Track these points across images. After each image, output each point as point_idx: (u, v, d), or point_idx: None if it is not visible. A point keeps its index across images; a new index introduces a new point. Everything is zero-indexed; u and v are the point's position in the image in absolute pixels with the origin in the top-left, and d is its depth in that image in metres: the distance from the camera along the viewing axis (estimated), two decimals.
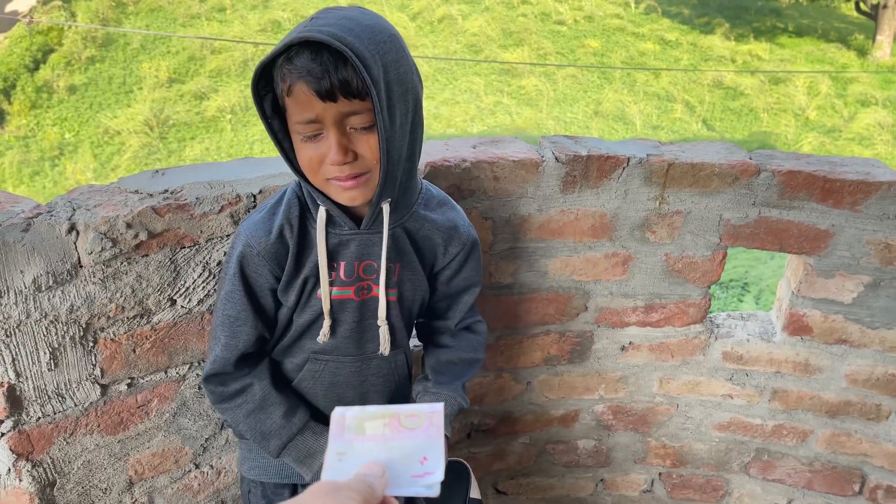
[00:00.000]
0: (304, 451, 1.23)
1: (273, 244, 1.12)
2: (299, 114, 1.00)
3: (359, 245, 1.15)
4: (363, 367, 1.25)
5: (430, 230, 1.21)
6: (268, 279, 1.15)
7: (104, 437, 1.31)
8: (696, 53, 19.91)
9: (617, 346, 1.83)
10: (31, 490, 1.24)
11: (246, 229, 1.14)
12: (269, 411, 1.21)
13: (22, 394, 1.18)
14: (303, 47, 0.95)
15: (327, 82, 0.95)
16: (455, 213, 1.27)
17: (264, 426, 1.22)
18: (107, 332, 1.24)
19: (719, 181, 1.63)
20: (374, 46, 0.96)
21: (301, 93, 0.97)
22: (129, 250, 1.20)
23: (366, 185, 1.05)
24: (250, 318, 1.17)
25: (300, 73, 0.96)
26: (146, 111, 13.73)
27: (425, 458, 0.62)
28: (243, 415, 1.21)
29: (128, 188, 1.24)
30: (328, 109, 0.98)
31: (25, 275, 1.11)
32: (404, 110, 1.02)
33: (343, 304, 1.18)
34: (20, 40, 15.78)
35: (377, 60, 0.95)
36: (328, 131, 1.00)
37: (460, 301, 1.33)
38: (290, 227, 1.12)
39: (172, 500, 1.46)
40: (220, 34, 16.24)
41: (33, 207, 1.14)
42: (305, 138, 1.02)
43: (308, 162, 1.04)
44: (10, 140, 12.84)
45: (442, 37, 19.42)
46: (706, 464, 2.01)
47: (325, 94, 0.96)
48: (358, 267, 1.17)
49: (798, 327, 1.80)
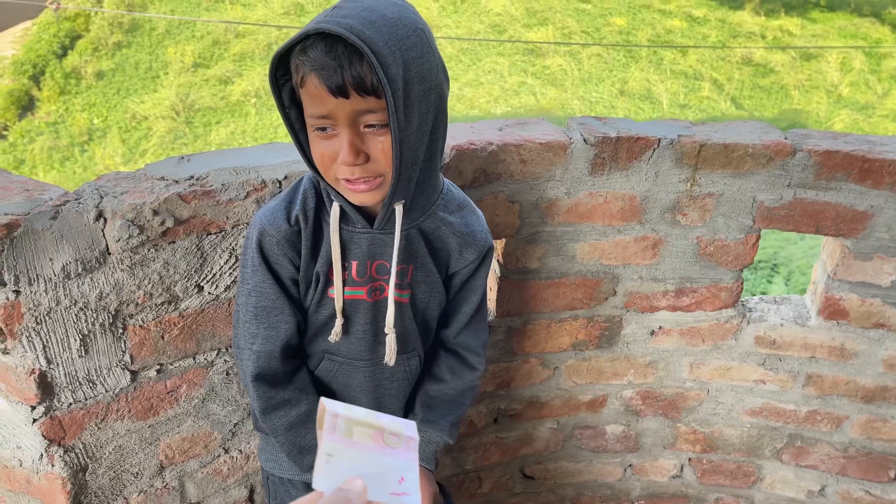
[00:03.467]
0: None
1: (290, 232, 1.09)
2: (312, 107, 0.96)
3: (370, 244, 1.12)
4: (376, 371, 1.22)
5: (446, 233, 1.17)
6: (287, 268, 1.12)
7: (135, 423, 1.32)
8: (725, 30, 19.51)
9: (646, 331, 1.80)
10: (63, 475, 1.26)
11: (261, 217, 1.11)
12: (310, 427, 1.19)
13: (53, 380, 1.19)
14: (318, 39, 0.91)
15: (339, 77, 0.91)
16: (474, 216, 1.21)
17: (303, 441, 1.20)
18: (136, 319, 1.24)
19: (753, 162, 1.59)
20: (396, 41, 0.91)
21: (313, 86, 0.93)
22: (155, 237, 1.20)
23: (378, 188, 1.01)
24: (286, 306, 1.14)
25: (313, 65, 0.92)
26: (172, 96, 13.84)
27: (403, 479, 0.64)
28: (284, 427, 1.19)
29: (154, 175, 1.24)
30: (340, 106, 0.94)
31: (54, 262, 1.11)
32: (424, 110, 0.97)
33: (356, 304, 1.15)
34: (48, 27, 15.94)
35: (397, 56, 0.91)
36: (340, 129, 0.96)
37: (461, 312, 1.27)
38: (306, 219, 1.10)
39: (202, 485, 1.47)
40: (243, 18, 16.25)
41: (61, 195, 1.14)
42: (318, 132, 0.99)
43: (320, 158, 1.00)
44: (40, 126, 13.02)
45: (465, 17, 19.25)
46: (737, 449, 1.98)
47: (336, 90, 0.92)
48: (370, 266, 1.13)
49: (834, 311, 1.76)
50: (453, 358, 1.30)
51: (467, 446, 1.86)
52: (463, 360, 1.30)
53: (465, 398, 1.33)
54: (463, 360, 1.30)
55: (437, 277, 1.20)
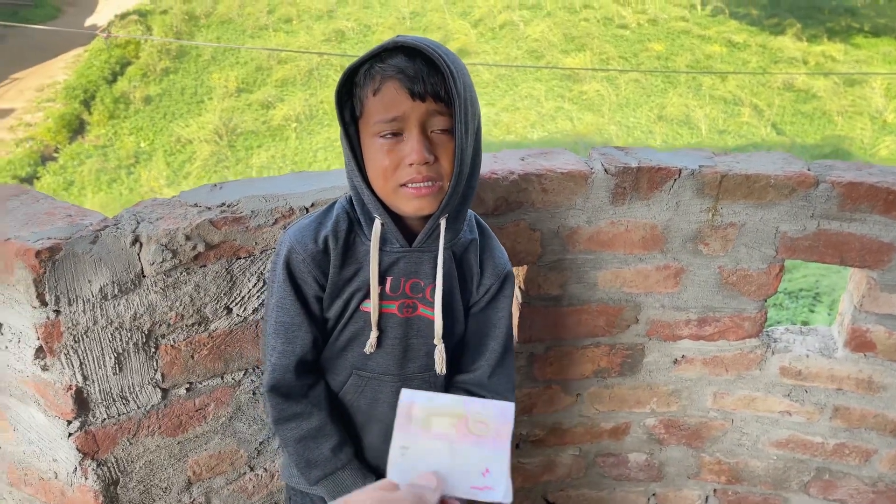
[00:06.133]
0: (340, 488, 1.24)
1: (317, 251, 1.15)
2: (384, 112, 1.04)
3: (407, 263, 1.17)
4: (403, 387, 1.25)
5: (472, 255, 1.23)
6: (312, 286, 1.17)
7: (164, 439, 1.37)
8: (766, 55, 19.32)
9: (669, 360, 1.81)
10: (95, 488, 1.31)
11: (291, 235, 1.16)
12: (319, 442, 1.22)
13: (89, 396, 1.25)
14: (397, 51, 1.03)
15: (421, 84, 1.02)
16: (495, 242, 1.28)
17: (311, 455, 1.23)
18: (167, 339, 1.30)
19: (775, 193, 1.60)
20: (457, 66, 1.04)
21: (392, 90, 1.03)
22: (187, 261, 1.25)
23: (436, 195, 1.09)
24: (304, 322, 1.19)
25: (393, 70, 1.03)
26: (216, 120, 14.21)
27: (487, 471, 0.60)
28: (294, 439, 1.22)
29: (188, 202, 1.30)
30: (415, 109, 1.04)
31: (93, 284, 1.18)
32: (473, 129, 1.09)
33: (387, 318, 1.19)
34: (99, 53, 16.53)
35: (460, 78, 1.03)
36: (411, 131, 1.05)
37: (487, 347, 1.28)
38: (336, 240, 1.15)
39: (228, 501, 1.51)
40: (286, 45, 16.65)
41: (101, 220, 1.21)
42: (386, 138, 1.06)
43: (383, 167, 1.07)
44: (89, 149, 13.46)
45: (503, 43, 19.41)
46: (763, 482, 1.95)
47: (416, 94, 1.02)
48: (404, 284, 1.18)
49: (861, 343, 1.74)
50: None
51: None
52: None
53: None
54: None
55: (459, 304, 1.25)
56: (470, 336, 1.29)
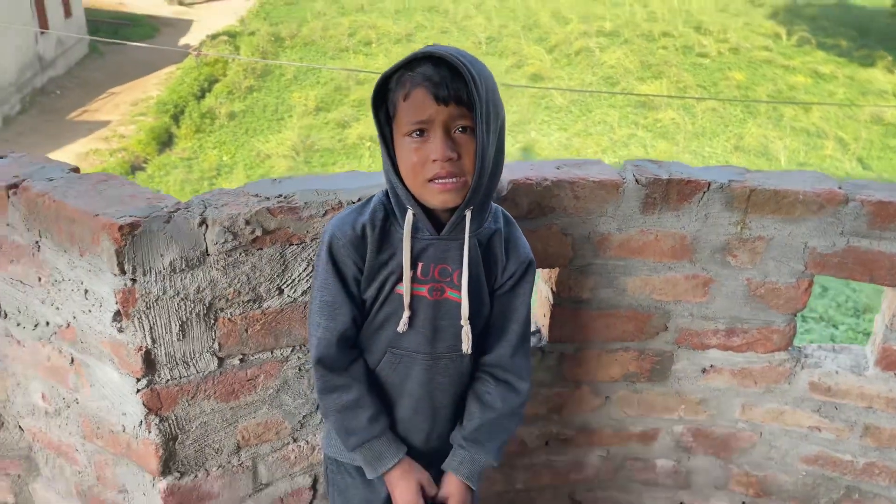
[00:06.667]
0: (376, 454, 1.38)
1: (356, 237, 1.29)
2: (413, 115, 1.19)
3: (436, 250, 1.30)
4: (433, 365, 1.37)
5: (497, 243, 1.35)
6: (351, 269, 1.31)
7: (218, 404, 1.53)
8: (854, 87, 18.71)
9: (697, 368, 1.86)
10: (157, 441, 1.48)
11: (333, 223, 1.32)
12: (357, 412, 1.37)
13: (156, 358, 1.42)
14: (425, 60, 1.18)
15: (445, 89, 1.16)
16: (518, 232, 1.40)
17: (350, 424, 1.37)
18: (225, 313, 1.46)
19: (803, 209, 1.65)
20: (480, 72, 1.18)
21: (420, 95, 1.18)
22: (246, 243, 1.42)
23: (460, 189, 1.22)
24: (345, 301, 1.33)
25: (422, 78, 1.17)
26: (294, 137, 14.78)
27: None
28: (335, 409, 1.37)
29: (250, 192, 1.47)
30: (440, 112, 1.18)
31: (164, 258, 1.35)
32: (495, 129, 1.21)
33: (418, 300, 1.33)
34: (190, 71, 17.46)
35: (481, 82, 1.16)
36: (436, 132, 1.19)
37: (509, 330, 1.40)
38: (373, 228, 1.29)
39: (272, 468, 1.66)
40: (365, 66, 17.16)
41: (174, 203, 1.39)
42: (414, 137, 1.20)
43: (412, 164, 1.22)
44: (175, 161, 14.20)
45: (578, 69, 19.46)
46: (793, 497, 1.97)
47: (440, 98, 1.16)
48: (433, 269, 1.32)
49: (891, 362, 1.76)
50: (504, 387, 1.43)
51: (518, 465, 1.97)
52: (512, 387, 1.43)
53: (512, 423, 1.46)
54: (512, 387, 1.43)
55: (485, 289, 1.37)
56: (494, 319, 1.41)
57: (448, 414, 1.43)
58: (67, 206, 1.36)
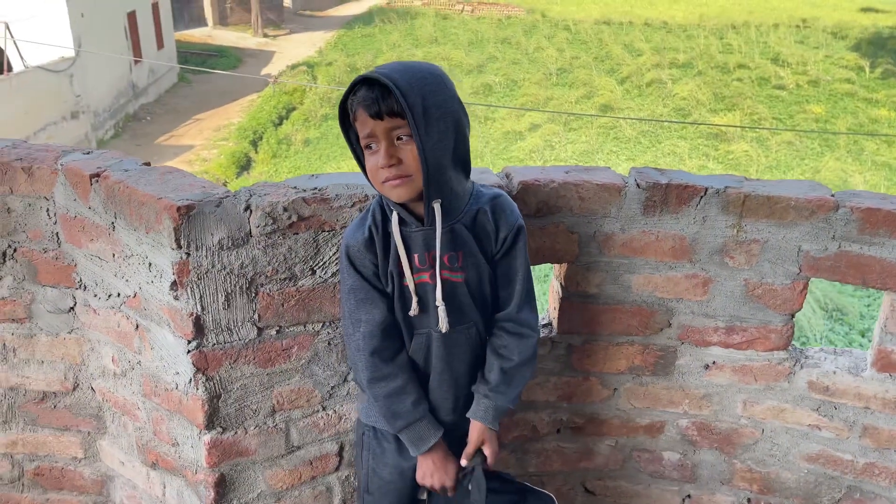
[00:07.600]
0: (419, 435, 1.59)
1: (366, 240, 1.51)
2: (361, 132, 1.41)
3: (424, 238, 1.50)
4: (446, 339, 1.57)
5: (484, 219, 1.53)
6: (369, 268, 1.53)
7: (256, 369, 1.76)
8: None
9: (700, 364, 1.98)
10: (203, 397, 1.71)
11: (346, 235, 1.56)
12: (403, 398, 1.58)
13: (204, 323, 1.66)
14: (363, 84, 1.38)
15: (376, 106, 1.36)
16: (505, 201, 1.56)
17: (396, 408, 1.59)
18: (265, 288, 1.69)
19: (795, 214, 1.77)
20: (416, 80, 1.35)
21: (361, 115, 1.39)
22: (284, 228, 1.65)
23: (408, 185, 1.41)
24: (376, 296, 1.55)
25: (360, 100, 1.38)
26: None
27: None
28: (383, 395, 1.58)
29: (290, 185, 1.71)
30: (378, 125, 1.38)
31: (214, 237, 1.60)
32: (443, 128, 1.37)
33: (423, 286, 1.53)
34: (269, 99, 18.31)
35: (416, 89, 1.34)
36: (380, 143, 1.39)
37: (513, 288, 1.59)
38: (376, 229, 1.51)
39: (303, 432, 1.87)
40: None
41: (224, 191, 1.64)
42: (369, 149, 1.42)
43: (370, 170, 1.44)
44: None
45: (649, 100, 19.41)
46: (795, 495, 2.05)
47: (375, 114, 1.36)
48: (428, 256, 1.51)
49: (886, 364, 1.84)
50: (516, 339, 1.61)
51: (530, 450, 2.12)
52: (523, 337, 1.62)
53: (528, 370, 1.64)
54: (523, 337, 1.62)
55: (483, 262, 1.55)
56: (500, 281, 1.60)
57: (467, 382, 1.63)
58: (138, 192, 1.62)
